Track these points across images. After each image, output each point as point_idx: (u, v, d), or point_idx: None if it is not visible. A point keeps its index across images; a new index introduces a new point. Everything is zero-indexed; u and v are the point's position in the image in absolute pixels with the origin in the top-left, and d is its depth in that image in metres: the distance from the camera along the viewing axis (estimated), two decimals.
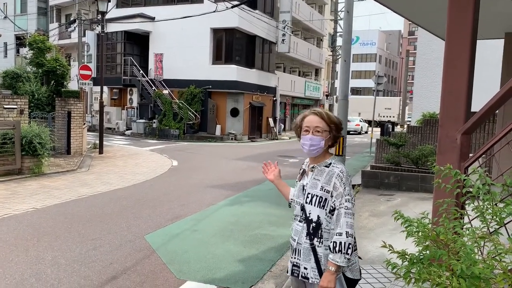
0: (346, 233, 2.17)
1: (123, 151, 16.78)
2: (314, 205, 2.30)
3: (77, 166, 11.86)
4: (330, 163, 2.34)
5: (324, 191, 2.28)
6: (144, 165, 13.08)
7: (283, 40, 28.31)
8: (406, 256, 2.07)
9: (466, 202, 2.37)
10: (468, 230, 2.10)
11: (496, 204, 2.15)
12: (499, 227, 2.13)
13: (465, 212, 2.40)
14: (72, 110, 13.95)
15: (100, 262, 4.96)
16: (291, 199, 2.56)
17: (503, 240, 1.99)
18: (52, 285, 4.29)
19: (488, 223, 2.12)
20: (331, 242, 2.21)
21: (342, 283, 2.28)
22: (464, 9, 3.46)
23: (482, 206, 2.15)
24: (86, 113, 20.15)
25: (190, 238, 6.05)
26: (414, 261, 2.03)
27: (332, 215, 2.27)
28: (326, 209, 2.27)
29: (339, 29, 33.41)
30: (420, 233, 2.07)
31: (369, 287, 4.08)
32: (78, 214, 7.04)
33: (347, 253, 2.16)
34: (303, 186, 2.40)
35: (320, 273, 2.27)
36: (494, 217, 2.09)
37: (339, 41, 34.84)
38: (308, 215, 2.32)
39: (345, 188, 2.24)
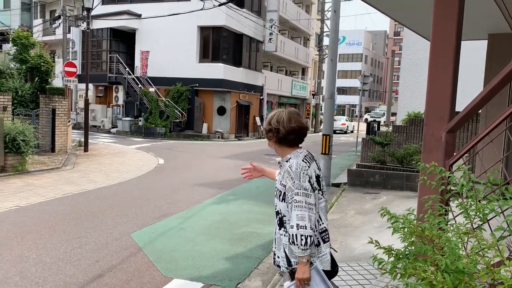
0: (296, 225, 2.26)
1: (109, 149, 16.63)
2: (277, 199, 2.45)
3: (61, 164, 11.71)
4: (290, 158, 2.44)
5: (282, 185, 2.41)
6: (130, 163, 12.98)
7: (270, 39, 28.34)
8: (392, 252, 2.10)
9: (451, 199, 2.42)
10: (453, 226, 2.15)
11: (479, 201, 2.20)
12: (482, 223, 2.18)
13: (450, 209, 2.44)
14: (57, 107, 13.77)
15: (86, 260, 4.92)
16: None
17: (486, 236, 2.03)
18: (37, 284, 4.24)
19: (472, 219, 2.17)
20: (288, 234, 2.34)
21: (318, 270, 2.34)
22: (449, 10, 3.52)
23: (466, 203, 2.19)
24: (71, 110, 19.89)
25: (177, 236, 6.03)
26: (400, 256, 2.06)
27: None
28: (286, 202, 2.39)
29: (325, 29, 33.63)
30: (406, 229, 2.11)
31: (355, 283, 4.13)
32: (63, 212, 6.96)
33: (301, 244, 2.24)
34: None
35: (288, 261, 2.39)
36: (478, 213, 2.14)
37: (326, 41, 35.09)
38: (275, 207, 2.48)
39: (294, 182, 2.31)
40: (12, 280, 4.30)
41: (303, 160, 2.37)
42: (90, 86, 23.39)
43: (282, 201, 2.41)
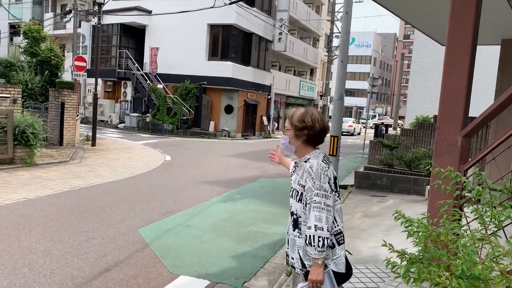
0: (314, 227, 2.25)
1: (116, 144, 16.69)
2: (294, 199, 2.43)
3: (69, 157, 11.78)
4: (309, 158, 2.42)
5: (300, 185, 2.39)
6: (137, 158, 13.02)
7: (279, 38, 28.30)
8: (406, 256, 2.09)
9: (465, 204, 2.40)
10: (467, 232, 2.13)
11: (495, 207, 2.18)
12: (498, 230, 2.16)
13: (464, 214, 2.43)
14: (66, 101, 13.84)
15: (93, 254, 4.94)
16: None
17: (501, 243, 2.01)
18: (45, 276, 4.27)
19: (487, 225, 2.15)
20: (304, 235, 2.32)
21: (330, 276, 2.32)
22: (465, 14, 3.50)
23: (481, 209, 2.18)
24: (80, 104, 20.01)
25: (184, 233, 6.04)
26: (414, 260, 2.05)
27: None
28: (303, 203, 2.37)
29: (335, 30, 33.50)
30: (420, 233, 2.09)
31: (362, 286, 4.11)
32: (70, 205, 6.99)
33: (318, 246, 2.23)
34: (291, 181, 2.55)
35: (302, 263, 2.38)
36: (493, 219, 2.12)
37: (335, 42, 34.94)
38: (290, 208, 2.47)
39: (314, 182, 2.30)
40: (20, 271, 4.32)
41: (323, 161, 2.37)
42: (99, 81, 23.47)
43: (298, 202, 2.38)
